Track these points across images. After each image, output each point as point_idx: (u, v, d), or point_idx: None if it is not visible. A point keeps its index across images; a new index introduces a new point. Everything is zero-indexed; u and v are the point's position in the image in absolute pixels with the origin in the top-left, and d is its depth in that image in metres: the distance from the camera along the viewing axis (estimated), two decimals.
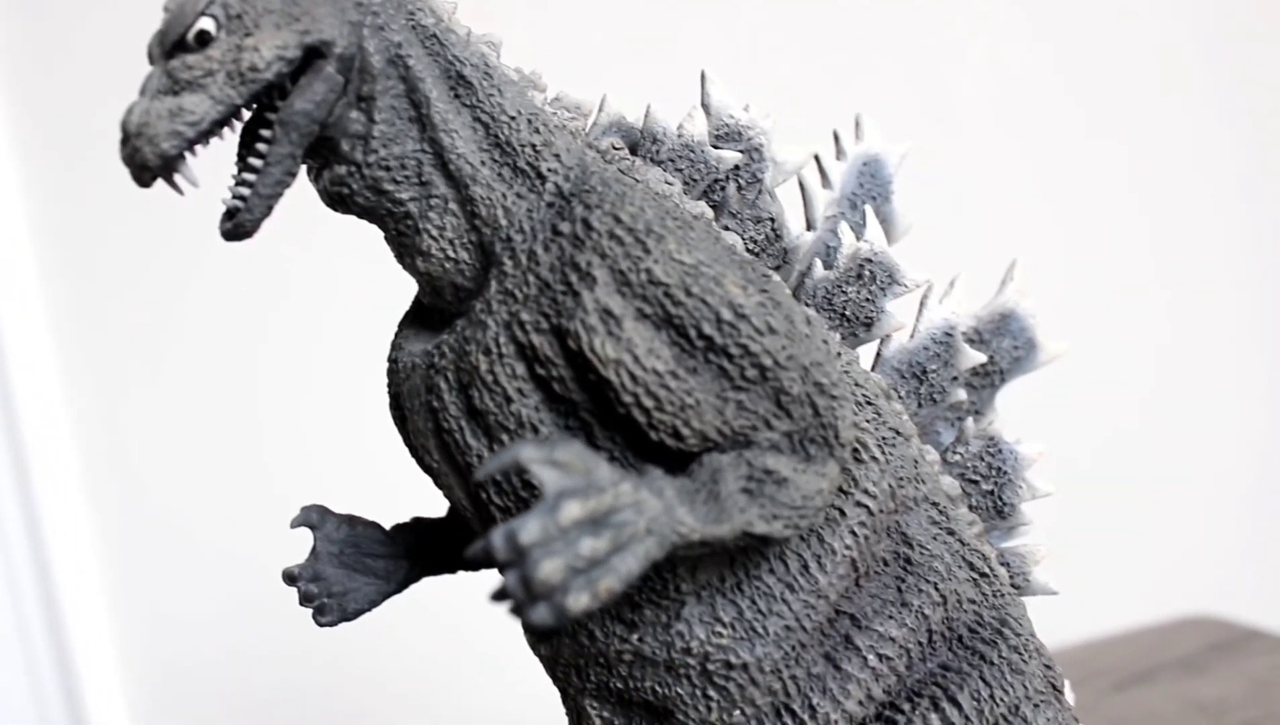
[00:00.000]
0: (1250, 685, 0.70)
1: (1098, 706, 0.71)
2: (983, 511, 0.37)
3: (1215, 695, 0.70)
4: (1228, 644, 0.77)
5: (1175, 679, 0.73)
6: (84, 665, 0.90)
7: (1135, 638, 0.81)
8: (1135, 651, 0.78)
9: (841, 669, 0.32)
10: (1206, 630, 0.79)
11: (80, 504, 0.89)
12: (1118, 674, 0.75)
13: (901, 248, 0.40)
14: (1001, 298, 0.38)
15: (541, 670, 0.37)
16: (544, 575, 0.24)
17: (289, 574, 0.37)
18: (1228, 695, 0.70)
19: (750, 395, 0.29)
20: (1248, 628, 0.79)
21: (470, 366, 0.31)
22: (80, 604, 0.89)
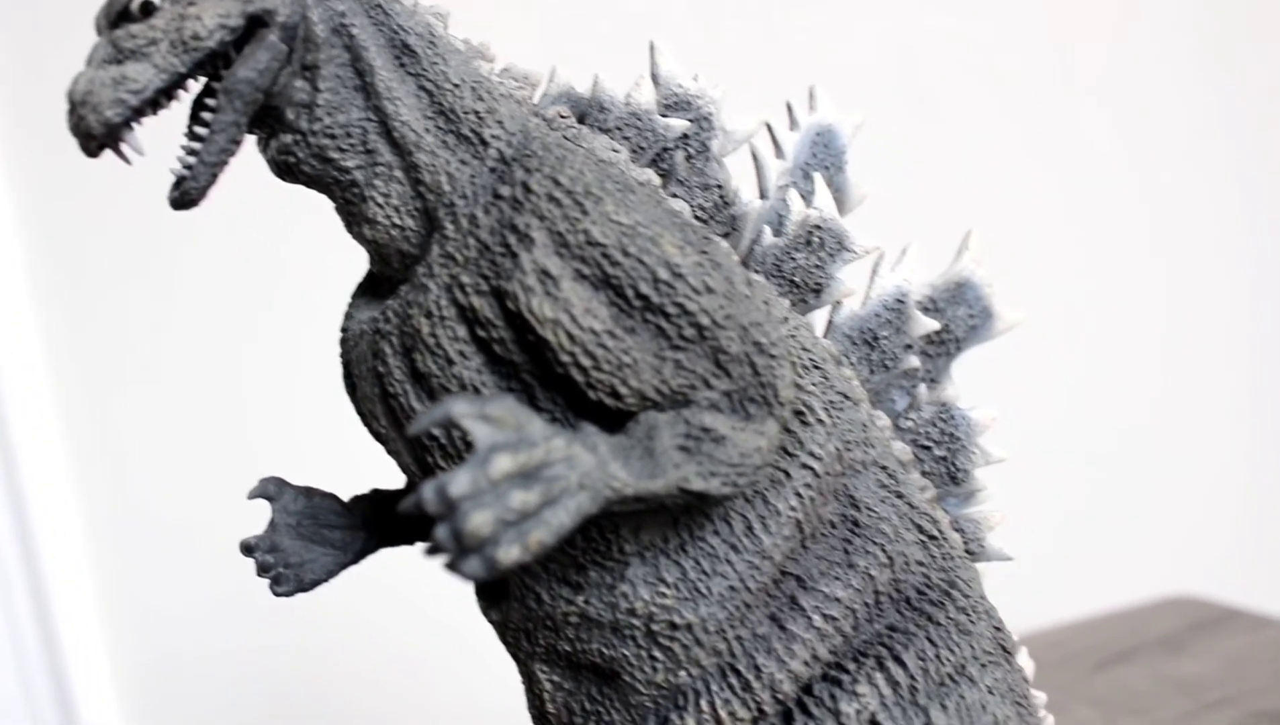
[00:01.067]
0: (1228, 663, 0.71)
1: (1077, 686, 0.71)
2: (936, 477, 0.37)
3: (1194, 673, 0.70)
4: (1207, 623, 0.77)
5: (1155, 658, 0.73)
6: (74, 660, 0.90)
7: (1116, 618, 0.81)
8: (1116, 631, 0.78)
9: (787, 629, 0.32)
10: (1187, 610, 0.80)
11: (69, 499, 0.89)
12: (1098, 654, 0.75)
13: (866, 220, 0.40)
14: (957, 267, 0.38)
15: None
16: (473, 527, 0.24)
17: (246, 544, 0.37)
18: (1206, 673, 0.70)
19: (688, 354, 0.29)
20: (1227, 607, 0.79)
21: (413, 330, 0.31)
22: (70, 599, 0.90)
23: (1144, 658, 0.73)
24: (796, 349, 0.34)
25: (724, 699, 0.32)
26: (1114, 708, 0.67)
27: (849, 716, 0.32)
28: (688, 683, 0.32)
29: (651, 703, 0.32)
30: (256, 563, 0.37)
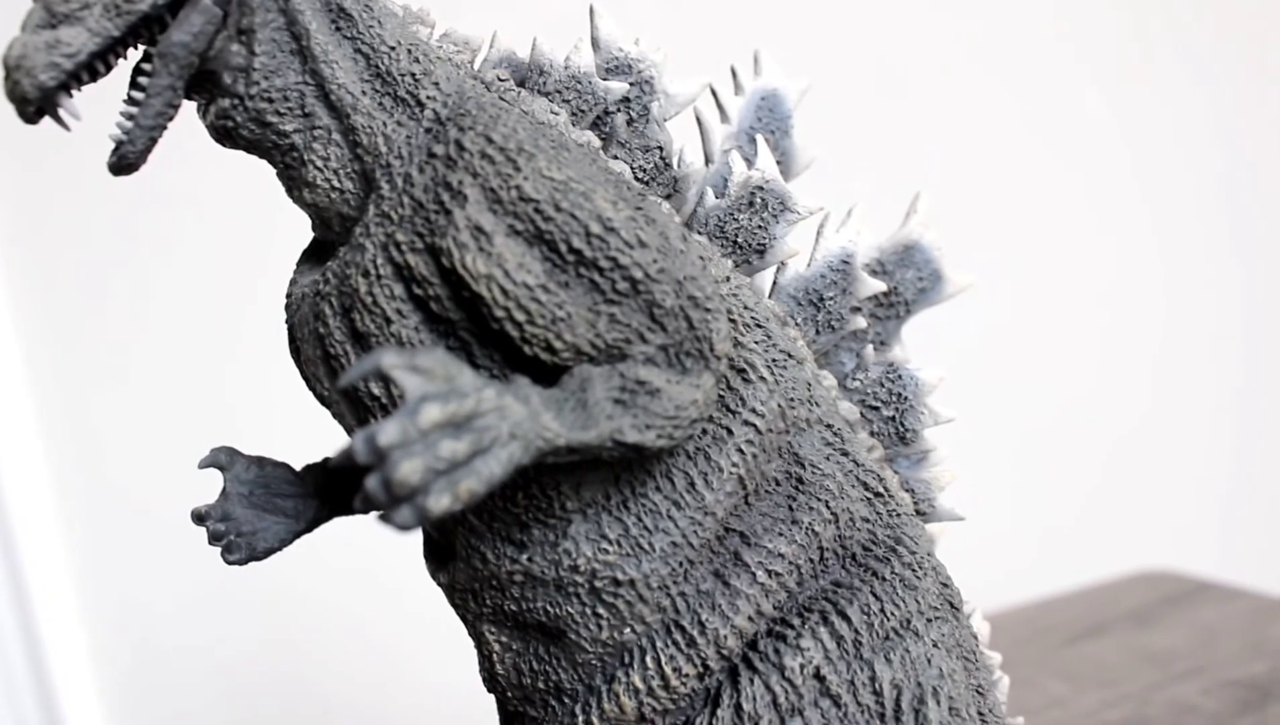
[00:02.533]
0: (1198, 634, 0.71)
1: (1048, 660, 0.71)
2: (885, 438, 0.37)
3: (1163, 645, 0.71)
4: (1178, 596, 0.77)
5: (1126, 631, 0.74)
6: (54, 655, 0.90)
7: (1088, 593, 0.81)
8: (1088, 606, 0.78)
9: (731, 585, 0.32)
10: (1158, 584, 0.80)
11: (47, 493, 0.89)
12: (1070, 628, 0.75)
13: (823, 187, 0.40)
14: (905, 230, 0.39)
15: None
16: (402, 476, 0.24)
17: (198, 513, 0.37)
18: (1175, 644, 0.70)
19: (623, 308, 0.30)
20: (1198, 580, 0.80)
21: (351, 289, 0.31)
22: (49, 594, 0.89)
23: (1115, 631, 0.74)
24: (738, 307, 0.34)
25: (669, 655, 0.32)
26: (1083, 680, 0.68)
27: (793, 671, 0.32)
28: (633, 640, 0.32)
29: (598, 660, 0.33)
30: (208, 531, 0.37)
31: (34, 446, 0.88)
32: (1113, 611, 0.77)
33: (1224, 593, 0.76)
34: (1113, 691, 0.66)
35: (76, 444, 0.88)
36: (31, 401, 0.87)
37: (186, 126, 0.53)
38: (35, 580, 0.89)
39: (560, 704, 0.34)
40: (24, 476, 0.88)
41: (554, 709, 0.34)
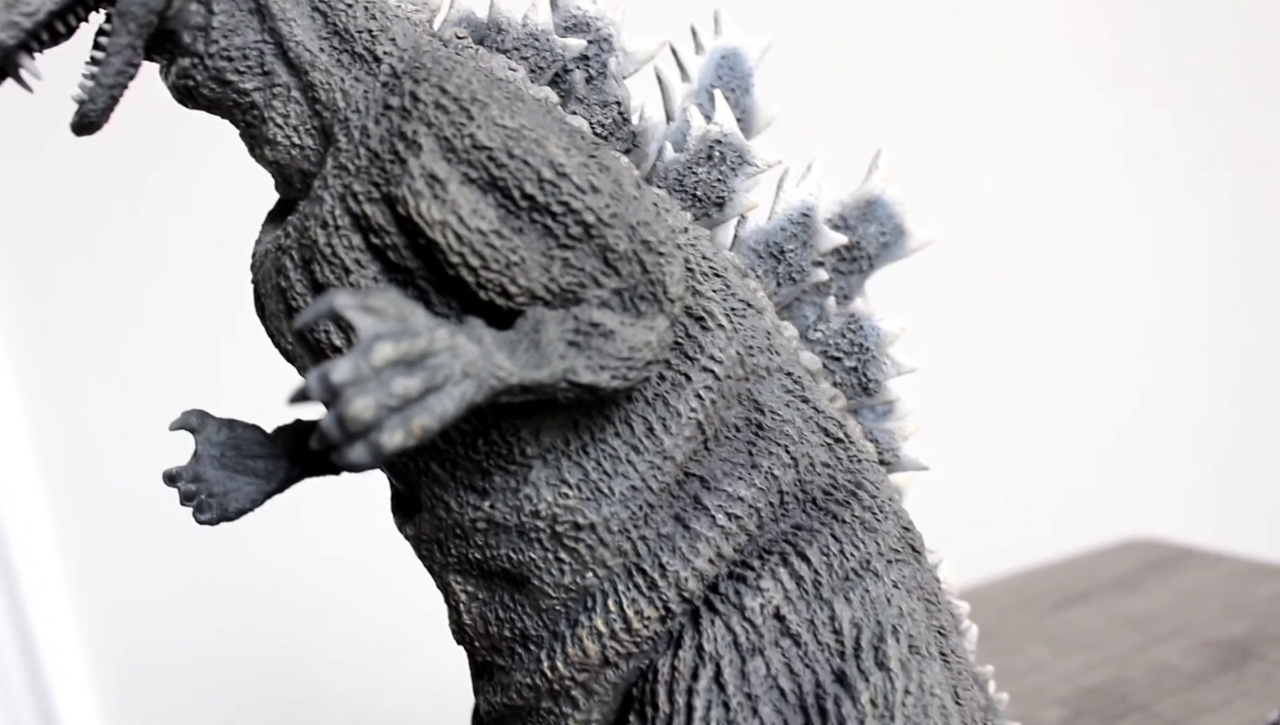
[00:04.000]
0: (1179, 598, 0.72)
1: (1033, 627, 0.72)
2: (847, 388, 0.38)
3: (1145, 609, 0.71)
4: (1161, 563, 0.78)
5: (1109, 597, 0.74)
6: (48, 648, 0.90)
7: (1073, 563, 0.82)
8: (1072, 575, 0.79)
9: (691, 528, 0.33)
10: (1142, 552, 0.80)
11: (38, 487, 0.89)
12: (1054, 596, 0.76)
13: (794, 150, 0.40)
14: (867, 185, 0.39)
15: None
16: (356, 412, 0.25)
17: (169, 474, 0.37)
18: (1157, 609, 0.71)
19: (576, 253, 0.30)
20: (1182, 546, 0.80)
21: (310, 241, 0.32)
22: (41, 587, 0.90)
23: (1098, 598, 0.74)
24: (696, 257, 0.34)
25: (631, 598, 0.32)
26: (1067, 645, 0.68)
27: (753, 611, 0.32)
28: (595, 584, 0.33)
29: (561, 606, 0.33)
30: (180, 492, 0.37)
31: (24, 440, 0.88)
32: (1097, 579, 0.77)
33: (1206, 558, 0.77)
34: (1094, 654, 0.66)
35: (67, 437, 0.89)
36: (21, 395, 0.88)
37: (177, 126, 0.53)
38: (27, 574, 0.89)
39: (526, 651, 0.34)
40: (14, 471, 0.89)
41: (520, 657, 0.34)
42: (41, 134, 0.84)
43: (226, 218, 0.83)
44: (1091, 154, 1.00)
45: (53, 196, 0.85)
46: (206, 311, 0.86)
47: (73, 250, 0.86)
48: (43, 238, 0.85)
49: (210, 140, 0.57)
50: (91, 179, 0.85)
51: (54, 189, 0.84)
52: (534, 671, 0.34)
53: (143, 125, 0.83)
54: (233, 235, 0.83)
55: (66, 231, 0.86)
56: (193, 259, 0.85)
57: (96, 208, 0.85)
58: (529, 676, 0.34)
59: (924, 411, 0.42)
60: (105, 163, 0.84)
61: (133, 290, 0.87)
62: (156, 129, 0.84)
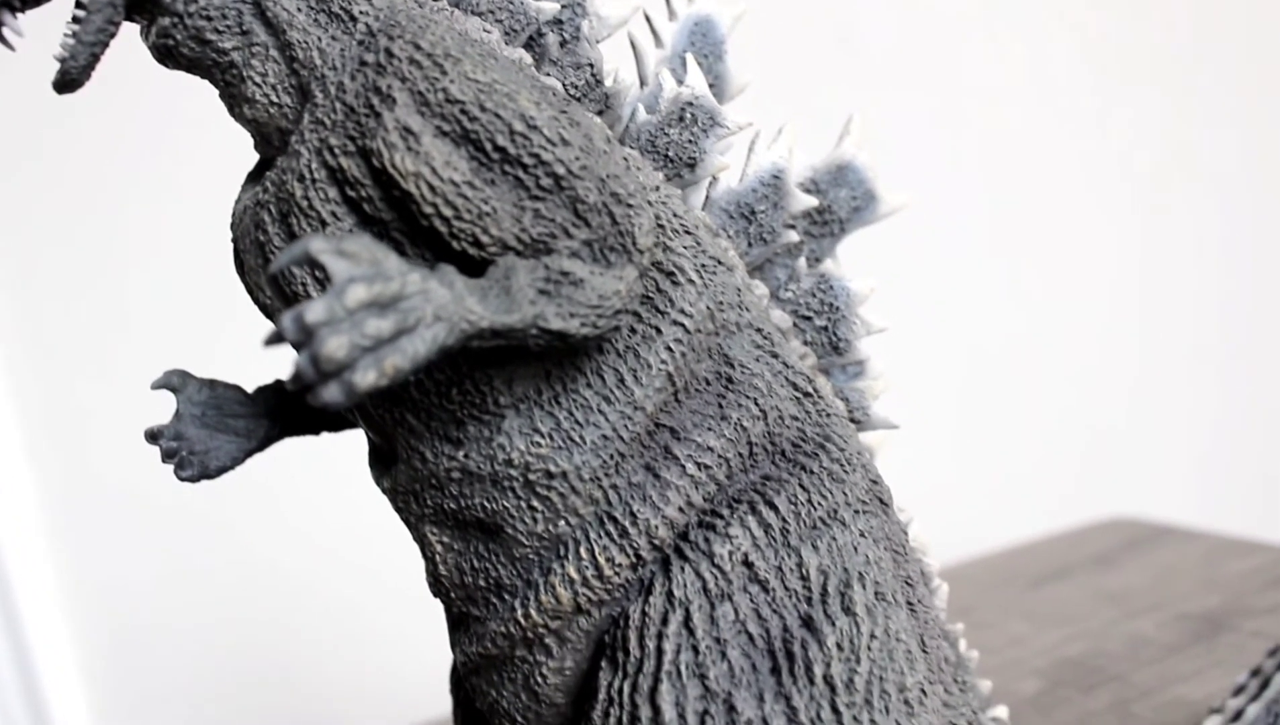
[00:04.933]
0: (1156, 574, 0.72)
1: (1012, 603, 0.73)
2: (818, 347, 0.39)
3: (1123, 585, 0.72)
4: (1140, 541, 0.79)
5: (1088, 574, 0.75)
6: (35, 634, 0.90)
7: (1053, 541, 0.83)
8: (1052, 553, 0.80)
9: (661, 477, 0.33)
10: (1122, 530, 0.81)
11: (25, 474, 0.89)
12: (1034, 573, 0.77)
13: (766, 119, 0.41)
14: (838, 150, 0.40)
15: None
16: (329, 351, 0.25)
17: (151, 432, 0.38)
18: (1135, 584, 0.72)
19: (547, 204, 0.31)
20: (1161, 525, 0.81)
21: (288, 195, 0.32)
22: (28, 574, 0.90)
23: (1077, 575, 0.75)
24: (667, 214, 0.35)
25: (602, 546, 0.33)
26: (1045, 620, 0.69)
27: (722, 558, 0.33)
28: (567, 532, 0.33)
29: (534, 554, 0.34)
30: (161, 449, 0.38)
31: (11, 426, 0.89)
32: (1075, 556, 0.78)
33: (1183, 535, 0.78)
34: (1072, 628, 0.67)
35: (54, 423, 0.89)
36: (7, 381, 0.88)
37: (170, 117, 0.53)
38: (14, 560, 0.89)
39: (501, 601, 0.35)
40: (1, 457, 0.89)
41: (495, 606, 0.35)
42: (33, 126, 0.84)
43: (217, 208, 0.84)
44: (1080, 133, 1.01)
45: (42, 188, 0.85)
46: (196, 299, 0.86)
47: (62, 237, 0.86)
48: (32, 226, 0.86)
49: (201, 132, 0.58)
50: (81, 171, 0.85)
51: (43, 181, 0.85)
52: (508, 620, 0.34)
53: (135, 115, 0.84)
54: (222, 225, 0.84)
55: (56, 219, 0.86)
56: (183, 246, 0.86)
57: (87, 197, 0.86)
58: (503, 625, 0.34)
59: (909, 394, 0.43)
60: (97, 156, 0.84)
61: (121, 277, 0.87)
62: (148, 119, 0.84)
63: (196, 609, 0.93)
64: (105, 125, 0.85)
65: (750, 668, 0.32)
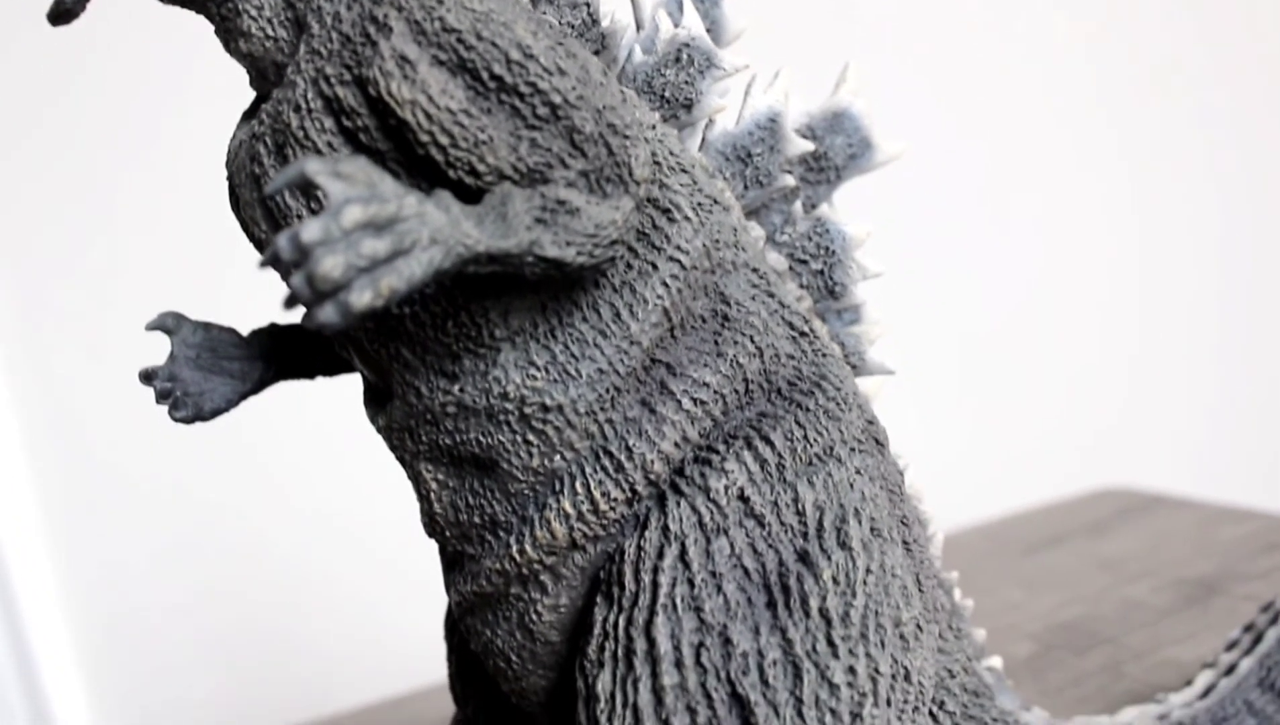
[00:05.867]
0: (1150, 541, 0.73)
1: (1006, 570, 0.73)
2: (814, 291, 0.39)
3: (1116, 552, 0.72)
4: (1133, 509, 0.79)
5: (1083, 542, 0.75)
6: (30, 616, 0.90)
7: (1048, 510, 0.83)
8: (1047, 521, 0.80)
9: (657, 412, 0.33)
10: (1116, 499, 0.81)
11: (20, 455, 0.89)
12: (1028, 541, 0.77)
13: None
14: (834, 97, 0.40)
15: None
16: (325, 270, 0.25)
17: (145, 373, 0.38)
18: (1129, 551, 0.72)
19: (543, 134, 0.31)
20: (1155, 494, 0.81)
21: (284, 125, 0.32)
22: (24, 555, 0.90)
23: (1072, 542, 0.75)
24: (663, 152, 0.35)
25: (598, 480, 0.33)
26: (1040, 586, 0.69)
27: (718, 492, 0.33)
28: (562, 467, 0.33)
29: (530, 490, 0.34)
30: (155, 390, 0.38)
31: (6, 408, 0.88)
32: (1070, 525, 0.78)
33: (1177, 503, 0.78)
34: (1066, 594, 0.67)
35: (50, 405, 0.89)
36: (3, 363, 0.88)
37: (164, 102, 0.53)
38: (10, 541, 0.89)
39: (496, 538, 0.35)
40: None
41: (490, 543, 0.35)
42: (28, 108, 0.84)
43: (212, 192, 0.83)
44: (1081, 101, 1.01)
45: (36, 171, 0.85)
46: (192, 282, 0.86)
47: (57, 219, 0.86)
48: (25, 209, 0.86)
49: (200, 113, 0.58)
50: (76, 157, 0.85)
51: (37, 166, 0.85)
52: (503, 557, 0.34)
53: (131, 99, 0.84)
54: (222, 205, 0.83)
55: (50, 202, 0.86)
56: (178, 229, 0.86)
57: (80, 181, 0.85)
58: (498, 562, 0.34)
59: (908, 367, 0.42)
60: (93, 148, 0.84)
61: (118, 260, 0.87)
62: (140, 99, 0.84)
63: (191, 588, 0.93)
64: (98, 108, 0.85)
65: (746, 601, 0.32)
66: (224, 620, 0.93)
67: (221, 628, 0.94)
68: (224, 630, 0.94)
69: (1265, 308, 1.07)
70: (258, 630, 0.94)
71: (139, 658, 0.93)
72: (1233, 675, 0.47)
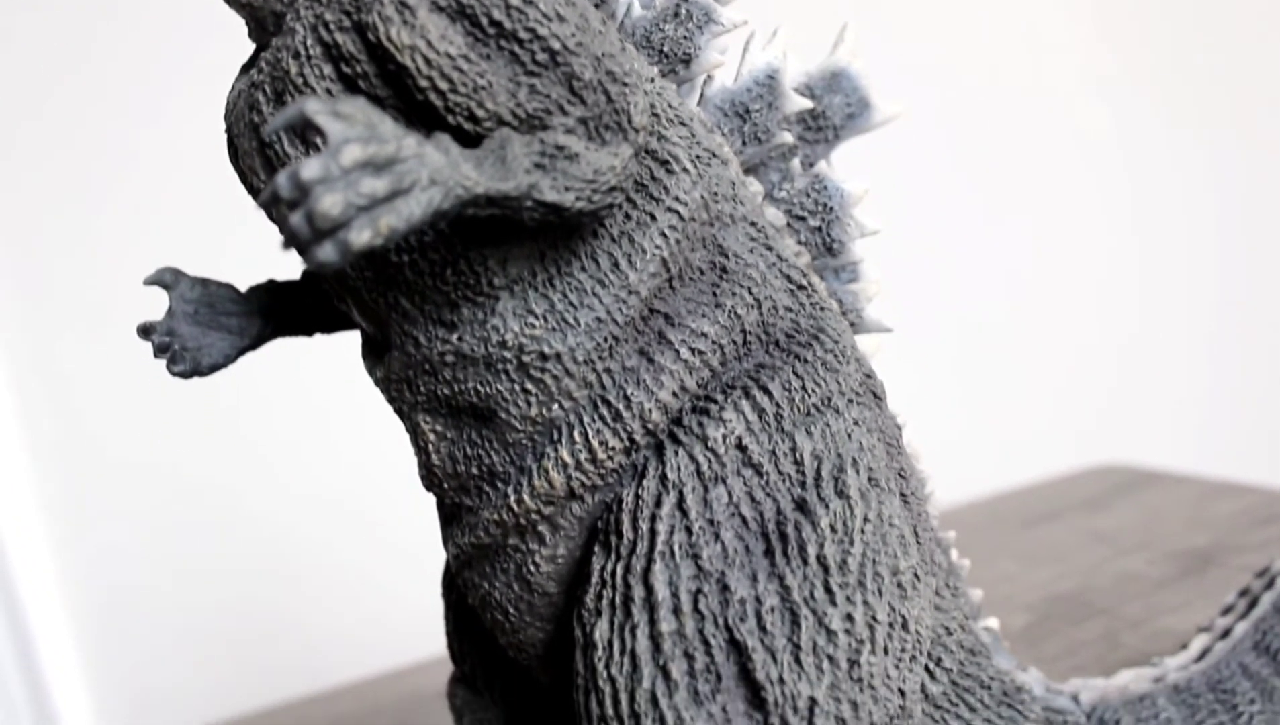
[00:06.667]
0: (1147, 515, 0.73)
1: (1003, 543, 0.73)
2: (812, 248, 0.39)
3: (1113, 526, 0.72)
4: (1130, 485, 0.79)
5: (1079, 516, 0.75)
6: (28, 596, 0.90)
7: (1045, 486, 0.83)
8: (1043, 497, 0.80)
9: (655, 362, 0.33)
10: (1112, 475, 0.82)
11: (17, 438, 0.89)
12: (1024, 515, 0.77)
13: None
14: (833, 57, 0.40)
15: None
16: (325, 208, 0.25)
17: (143, 327, 0.38)
18: (1125, 525, 0.72)
19: (542, 80, 0.31)
20: (1151, 470, 0.81)
21: (283, 72, 0.32)
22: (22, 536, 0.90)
23: (1068, 517, 0.75)
24: (662, 105, 0.35)
25: (596, 429, 0.33)
26: (1036, 559, 0.69)
27: (716, 441, 0.33)
28: (561, 416, 0.33)
29: (528, 439, 0.34)
30: (153, 344, 0.38)
31: (4, 390, 0.88)
32: (1067, 500, 0.78)
33: (1173, 479, 0.78)
34: (1062, 566, 0.67)
35: (48, 387, 0.89)
36: (1, 346, 0.88)
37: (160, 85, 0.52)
38: (8, 522, 0.89)
39: (494, 488, 0.35)
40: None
41: (488, 494, 0.35)
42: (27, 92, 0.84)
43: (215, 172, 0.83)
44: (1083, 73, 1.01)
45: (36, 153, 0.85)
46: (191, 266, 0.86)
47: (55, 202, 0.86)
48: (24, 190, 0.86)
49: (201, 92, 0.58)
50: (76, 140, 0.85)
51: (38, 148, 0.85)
52: (501, 508, 0.34)
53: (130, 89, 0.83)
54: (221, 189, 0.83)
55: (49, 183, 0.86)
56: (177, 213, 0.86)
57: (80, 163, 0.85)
58: (496, 513, 0.34)
59: (907, 343, 0.42)
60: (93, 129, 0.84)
61: (117, 244, 0.87)
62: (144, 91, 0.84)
63: (188, 567, 0.93)
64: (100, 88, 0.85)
65: (744, 549, 0.32)
66: (222, 597, 0.93)
67: (220, 604, 0.94)
68: (222, 607, 0.94)
69: (1261, 286, 1.07)
70: (256, 607, 0.94)
71: (137, 635, 0.93)
72: (1228, 639, 0.47)
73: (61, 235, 0.87)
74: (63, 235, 0.87)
